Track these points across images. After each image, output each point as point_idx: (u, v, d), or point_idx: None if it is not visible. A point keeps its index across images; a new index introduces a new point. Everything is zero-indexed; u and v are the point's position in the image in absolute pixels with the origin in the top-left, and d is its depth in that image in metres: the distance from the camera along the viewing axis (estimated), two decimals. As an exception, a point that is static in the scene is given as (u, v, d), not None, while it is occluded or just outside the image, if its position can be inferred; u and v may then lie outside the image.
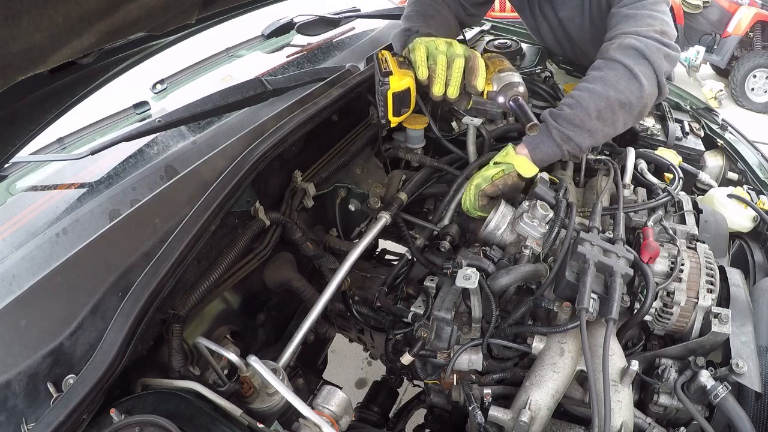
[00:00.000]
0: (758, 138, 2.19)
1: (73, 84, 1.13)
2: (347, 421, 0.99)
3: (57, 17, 0.67)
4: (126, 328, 0.84)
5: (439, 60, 1.23)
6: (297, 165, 1.42)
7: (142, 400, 0.86)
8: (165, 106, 1.73)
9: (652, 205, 1.34)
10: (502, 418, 0.98)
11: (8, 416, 0.81)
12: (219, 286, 1.19)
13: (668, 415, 1.07)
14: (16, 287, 0.91)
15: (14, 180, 1.41)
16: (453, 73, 1.24)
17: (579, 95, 1.29)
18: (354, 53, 1.87)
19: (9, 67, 0.67)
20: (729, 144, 1.80)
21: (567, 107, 1.29)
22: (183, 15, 0.99)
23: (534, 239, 1.23)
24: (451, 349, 1.18)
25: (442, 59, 1.23)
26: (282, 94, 1.41)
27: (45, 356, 0.84)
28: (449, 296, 1.20)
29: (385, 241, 1.80)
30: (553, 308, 1.12)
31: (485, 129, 1.65)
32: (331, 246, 1.54)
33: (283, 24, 2.03)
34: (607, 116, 1.26)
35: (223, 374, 1.04)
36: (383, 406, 1.58)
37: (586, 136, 1.27)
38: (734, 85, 6.15)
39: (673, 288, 1.10)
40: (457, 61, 1.23)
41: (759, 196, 1.56)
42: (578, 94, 1.29)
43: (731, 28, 5.97)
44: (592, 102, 1.26)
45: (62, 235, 1.05)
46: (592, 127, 1.26)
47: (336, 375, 2.39)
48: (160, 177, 1.17)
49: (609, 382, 0.90)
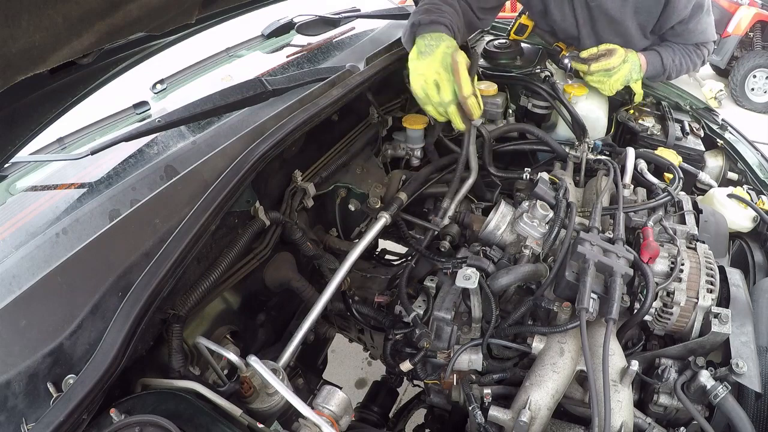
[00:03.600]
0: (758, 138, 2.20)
1: (73, 84, 1.13)
2: (347, 421, 0.99)
3: (57, 17, 0.67)
4: (126, 328, 0.84)
5: (436, 114, 1.33)
6: (297, 165, 1.42)
7: (142, 400, 0.85)
8: (165, 106, 1.73)
9: (652, 205, 1.34)
10: (502, 418, 0.98)
11: (8, 416, 0.81)
12: (219, 286, 1.19)
13: (668, 415, 1.07)
14: (16, 287, 0.91)
15: (14, 180, 1.41)
16: (451, 118, 1.32)
17: (677, 51, 1.77)
18: (354, 53, 1.87)
19: (9, 67, 0.67)
20: (729, 144, 1.80)
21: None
22: (183, 15, 0.99)
23: (534, 239, 1.23)
24: (451, 349, 1.18)
25: (439, 113, 1.32)
26: (282, 94, 1.41)
27: (45, 356, 0.84)
28: (449, 296, 1.20)
29: (385, 241, 1.80)
30: (553, 308, 1.12)
31: (485, 129, 1.65)
32: (331, 246, 1.54)
33: (283, 24, 2.02)
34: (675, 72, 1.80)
35: (223, 374, 1.04)
36: (383, 406, 1.58)
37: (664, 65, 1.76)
38: (734, 85, 6.15)
39: (673, 288, 1.10)
40: (450, 109, 1.30)
41: (759, 196, 1.56)
42: (677, 50, 1.77)
43: (731, 28, 5.96)
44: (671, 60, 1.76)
45: (62, 235, 1.05)
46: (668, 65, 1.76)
47: (336, 375, 2.39)
48: (160, 177, 1.16)
49: (609, 382, 0.90)
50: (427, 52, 1.30)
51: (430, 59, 1.29)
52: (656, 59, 1.73)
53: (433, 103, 1.30)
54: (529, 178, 1.48)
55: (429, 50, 1.30)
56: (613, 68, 1.67)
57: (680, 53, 1.77)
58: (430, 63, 1.28)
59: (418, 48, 1.32)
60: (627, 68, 1.68)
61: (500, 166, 1.67)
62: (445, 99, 1.27)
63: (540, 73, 1.80)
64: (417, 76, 1.29)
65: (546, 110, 1.82)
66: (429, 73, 1.27)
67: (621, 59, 1.66)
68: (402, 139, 1.72)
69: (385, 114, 1.74)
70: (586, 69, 1.70)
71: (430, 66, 1.28)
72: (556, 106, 1.77)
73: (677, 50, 1.76)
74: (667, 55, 1.75)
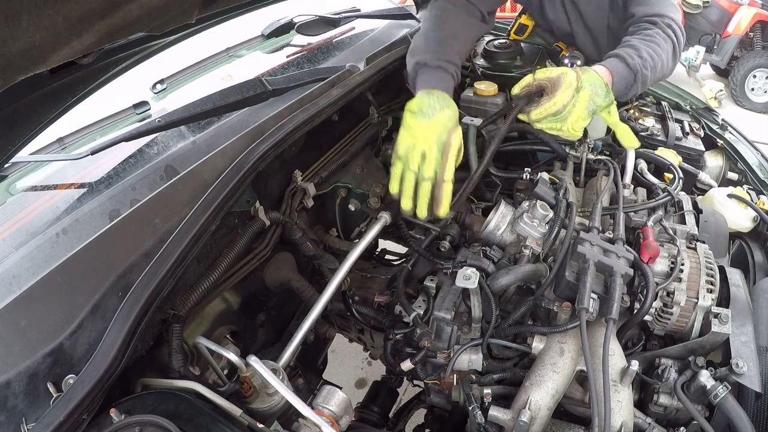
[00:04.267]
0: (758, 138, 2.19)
1: (73, 84, 1.13)
2: (347, 421, 0.99)
3: (57, 17, 0.67)
4: (126, 328, 0.84)
5: (407, 179, 1.21)
6: (297, 165, 1.42)
7: (142, 400, 0.85)
8: (165, 106, 1.73)
9: (652, 205, 1.33)
10: (502, 418, 0.98)
11: (8, 416, 0.81)
12: (219, 286, 1.19)
13: (668, 415, 1.07)
14: (16, 287, 0.91)
15: (14, 180, 1.41)
16: (420, 196, 1.20)
17: (638, 44, 1.35)
18: (354, 53, 1.87)
19: (9, 67, 0.67)
20: (729, 144, 1.80)
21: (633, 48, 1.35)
22: (183, 15, 0.99)
23: (534, 239, 1.23)
24: (451, 349, 1.18)
25: (410, 179, 1.20)
26: (282, 94, 1.41)
27: (45, 356, 0.84)
28: (449, 296, 1.20)
29: (385, 241, 1.80)
30: (553, 308, 1.12)
31: (485, 129, 1.65)
32: (331, 246, 1.54)
33: (283, 24, 2.03)
34: (649, 70, 1.35)
35: (223, 374, 1.04)
36: (383, 406, 1.58)
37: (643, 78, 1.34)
38: (734, 85, 6.15)
39: (673, 288, 1.10)
40: (424, 185, 1.20)
41: (759, 196, 1.56)
42: (637, 43, 1.36)
43: (731, 28, 5.97)
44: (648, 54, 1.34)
45: (62, 235, 1.05)
46: (646, 72, 1.33)
47: (336, 375, 2.39)
48: (160, 177, 1.16)
49: (609, 382, 0.90)
50: (428, 114, 1.23)
51: (427, 127, 1.22)
52: (618, 63, 1.31)
53: (411, 169, 1.20)
54: (529, 178, 1.48)
55: (430, 113, 1.23)
56: (564, 107, 1.23)
57: (642, 43, 1.36)
58: (426, 131, 1.21)
59: (419, 104, 1.25)
60: (585, 97, 1.23)
61: (500, 166, 1.67)
62: (425, 174, 1.19)
63: (540, 73, 1.79)
64: (408, 136, 1.22)
65: (546, 110, 1.82)
66: (420, 142, 1.20)
67: (571, 89, 1.22)
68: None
69: (385, 114, 1.74)
70: (527, 119, 1.31)
71: (425, 134, 1.21)
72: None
73: (636, 42, 1.37)
74: (629, 52, 1.33)
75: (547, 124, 1.27)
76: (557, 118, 1.25)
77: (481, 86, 1.67)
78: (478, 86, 1.67)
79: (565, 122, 1.25)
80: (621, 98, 1.35)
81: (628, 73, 1.31)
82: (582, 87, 1.23)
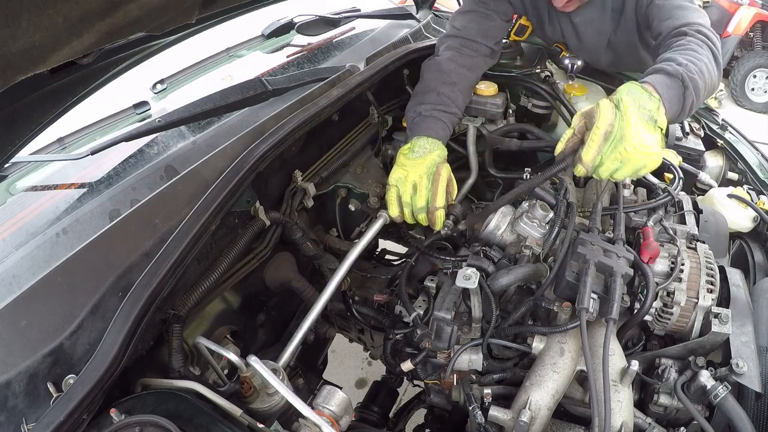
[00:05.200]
0: (758, 138, 2.19)
1: (73, 84, 1.13)
2: (347, 421, 0.99)
3: (57, 17, 0.67)
4: (126, 329, 0.84)
5: (405, 213, 1.34)
6: (297, 165, 1.42)
7: (142, 400, 0.86)
8: (165, 106, 1.73)
9: (652, 205, 1.33)
10: (502, 418, 0.98)
11: (8, 416, 0.81)
12: (219, 286, 1.19)
13: (668, 415, 1.07)
14: (16, 287, 0.91)
15: (14, 180, 1.41)
16: (418, 221, 1.34)
17: (672, 55, 1.21)
18: (354, 53, 1.87)
19: (9, 67, 0.67)
20: (729, 144, 1.79)
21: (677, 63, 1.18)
22: (183, 15, 0.99)
23: (534, 239, 1.23)
24: (451, 349, 1.18)
25: (407, 213, 1.33)
26: (282, 94, 1.41)
27: (45, 356, 0.84)
28: (449, 296, 1.20)
29: (385, 241, 1.80)
30: (553, 308, 1.12)
31: (485, 129, 1.65)
32: (331, 246, 1.54)
33: (283, 24, 2.03)
34: (696, 74, 1.17)
35: (223, 374, 1.04)
36: (383, 406, 1.58)
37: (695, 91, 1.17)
38: (734, 85, 6.15)
39: (673, 288, 1.10)
40: (420, 217, 1.32)
41: (759, 196, 1.56)
42: (671, 54, 1.22)
43: (731, 28, 5.96)
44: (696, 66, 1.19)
45: (62, 235, 1.05)
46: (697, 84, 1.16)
47: (336, 375, 2.39)
48: (160, 177, 1.16)
49: (609, 382, 0.90)
50: (418, 153, 1.35)
51: (418, 161, 1.33)
52: (656, 75, 1.16)
53: (403, 202, 1.31)
54: (529, 178, 1.48)
55: (421, 152, 1.35)
56: (611, 126, 1.04)
57: (676, 53, 1.22)
58: (416, 165, 1.32)
59: (412, 146, 1.37)
60: (629, 105, 1.05)
61: (500, 166, 1.67)
62: (418, 205, 1.30)
63: (540, 73, 1.80)
64: (400, 170, 1.33)
65: (546, 110, 1.82)
66: (411, 174, 1.30)
67: (610, 106, 1.06)
68: (402, 139, 1.72)
69: (385, 114, 1.74)
70: (584, 172, 1.09)
71: (415, 168, 1.31)
72: (556, 106, 1.77)
73: (669, 54, 1.23)
74: (665, 63, 1.18)
75: (609, 157, 1.06)
76: (612, 142, 1.05)
77: (481, 86, 1.67)
78: (479, 86, 1.67)
79: (624, 141, 1.03)
80: (680, 114, 1.18)
81: (672, 81, 1.14)
82: (620, 99, 1.06)
